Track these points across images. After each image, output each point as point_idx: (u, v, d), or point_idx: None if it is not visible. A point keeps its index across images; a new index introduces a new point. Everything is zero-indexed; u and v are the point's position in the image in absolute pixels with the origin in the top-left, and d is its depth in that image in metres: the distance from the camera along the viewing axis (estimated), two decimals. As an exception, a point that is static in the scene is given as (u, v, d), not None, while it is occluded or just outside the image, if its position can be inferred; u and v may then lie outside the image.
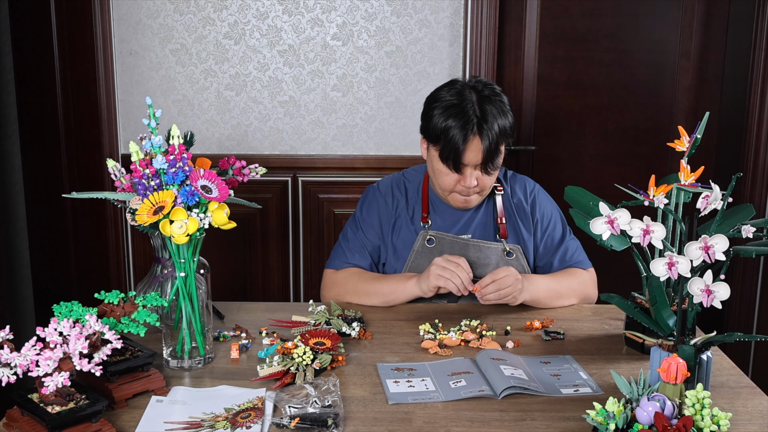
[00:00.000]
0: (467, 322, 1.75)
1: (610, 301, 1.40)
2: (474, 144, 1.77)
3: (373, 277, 1.90)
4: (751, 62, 2.69)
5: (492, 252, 1.91)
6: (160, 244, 1.61)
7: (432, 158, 1.86)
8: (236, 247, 2.77)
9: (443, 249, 1.90)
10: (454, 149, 1.78)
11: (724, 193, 1.33)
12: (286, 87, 2.68)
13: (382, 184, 2.01)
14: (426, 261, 1.89)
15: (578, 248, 1.97)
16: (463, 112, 1.78)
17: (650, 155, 2.89)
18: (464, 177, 1.82)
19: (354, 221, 2.00)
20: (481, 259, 1.90)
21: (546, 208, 1.97)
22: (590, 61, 2.80)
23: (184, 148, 1.44)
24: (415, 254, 1.91)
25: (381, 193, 1.99)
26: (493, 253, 1.91)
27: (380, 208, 1.97)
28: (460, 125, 1.77)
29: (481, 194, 1.88)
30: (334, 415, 1.29)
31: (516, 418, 1.32)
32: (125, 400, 1.37)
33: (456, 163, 1.79)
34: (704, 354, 1.35)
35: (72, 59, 2.61)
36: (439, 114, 1.81)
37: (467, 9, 2.60)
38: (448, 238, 1.91)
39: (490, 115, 1.78)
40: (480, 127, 1.77)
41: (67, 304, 1.34)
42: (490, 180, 1.85)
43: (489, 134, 1.77)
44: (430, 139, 1.85)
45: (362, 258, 1.94)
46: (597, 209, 1.34)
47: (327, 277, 1.96)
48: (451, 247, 1.90)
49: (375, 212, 1.97)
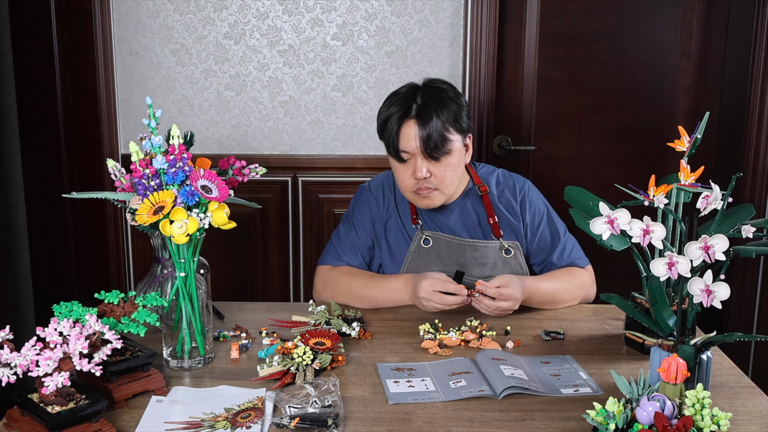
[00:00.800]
0: (468, 322, 1.75)
1: (610, 301, 1.40)
2: (410, 128, 1.77)
3: (364, 284, 1.87)
4: (751, 62, 2.69)
5: (489, 251, 1.90)
6: (160, 244, 1.61)
7: (391, 163, 1.87)
8: (236, 247, 2.77)
9: (440, 249, 1.90)
10: (390, 137, 1.80)
11: (724, 193, 1.33)
12: (286, 87, 2.68)
13: (372, 184, 2.01)
14: (422, 262, 1.89)
15: (575, 245, 1.95)
16: (403, 99, 1.81)
17: (650, 155, 2.89)
18: (414, 168, 1.79)
19: (347, 220, 1.99)
20: (478, 259, 1.89)
21: (538, 206, 1.95)
22: (590, 61, 2.80)
23: (184, 148, 1.44)
24: (412, 255, 1.91)
25: (372, 193, 1.99)
26: (491, 251, 1.90)
27: (372, 209, 1.97)
28: (397, 111, 1.79)
29: (441, 190, 1.83)
30: (334, 415, 1.29)
31: (516, 418, 1.32)
32: (125, 400, 1.37)
33: (395, 150, 1.79)
34: (704, 354, 1.35)
35: (72, 59, 2.61)
36: (382, 107, 1.86)
37: (467, 9, 2.60)
38: (444, 238, 1.90)
39: (430, 100, 1.78)
40: (418, 111, 1.77)
41: (67, 304, 1.34)
42: (445, 172, 1.80)
43: (424, 116, 1.76)
44: (380, 137, 1.86)
45: (354, 257, 1.94)
46: (597, 209, 1.34)
47: (319, 274, 1.96)
48: (447, 248, 1.89)
49: (367, 212, 1.97)
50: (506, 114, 2.83)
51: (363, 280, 1.88)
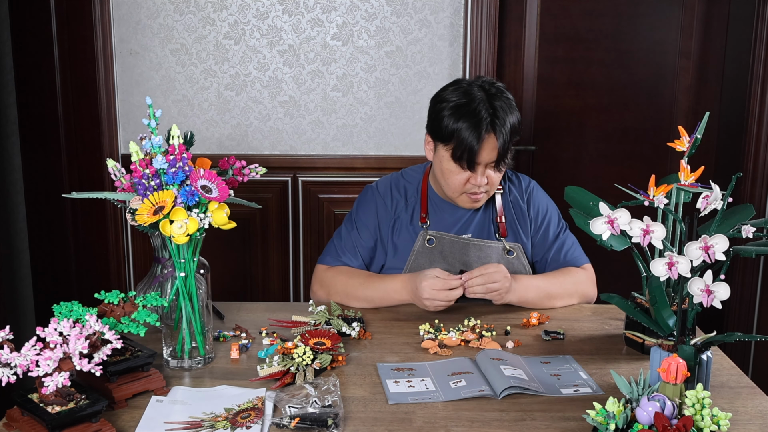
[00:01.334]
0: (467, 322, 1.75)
1: (610, 301, 1.40)
2: (489, 142, 1.77)
3: (361, 283, 1.87)
4: (751, 62, 2.69)
5: (492, 251, 1.91)
6: (160, 244, 1.61)
7: (441, 158, 1.85)
8: (236, 247, 2.77)
9: (443, 249, 1.90)
10: (469, 148, 1.77)
11: (724, 193, 1.33)
12: (286, 87, 2.68)
13: (380, 185, 2.00)
14: (426, 261, 1.89)
15: (574, 244, 1.97)
16: (476, 111, 1.77)
17: (650, 155, 2.89)
18: (476, 175, 1.81)
19: (350, 220, 1.99)
20: (481, 258, 1.90)
21: (542, 204, 1.98)
22: (590, 61, 2.80)
23: (184, 148, 1.44)
24: (416, 254, 1.91)
25: (380, 194, 1.98)
26: (494, 252, 1.91)
27: (379, 210, 1.96)
28: (473, 124, 1.76)
29: (488, 193, 1.88)
30: (334, 415, 1.29)
31: (516, 418, 1.32)
32: (125, 400, 1.37)
33: (471, 162, 1.79)
34: (704, 354, 1.35)
35: (72, 59, 2.61)
36: (449, 114, 1.79)
37: (467, 9, 2.60)
38: (448, 237, 1.91)
39: (501, 111, 1.78)
40: (494, 124, 1.77)
41: (67, 304, 1.34)
42: (499, 177, 1.85)
43: (503, 131, 1.77)
44: (440, 139, 1.83)
45: (353, 257, 1.94)
46: (597, 209, 1.34)
47: (317, 273, 1.96)
48: (451, 247, 1.90)
49: (373, 213, 1.96)
50: (506, 114, 2.83)
51: (360, 280, 1.88)
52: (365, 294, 1.85)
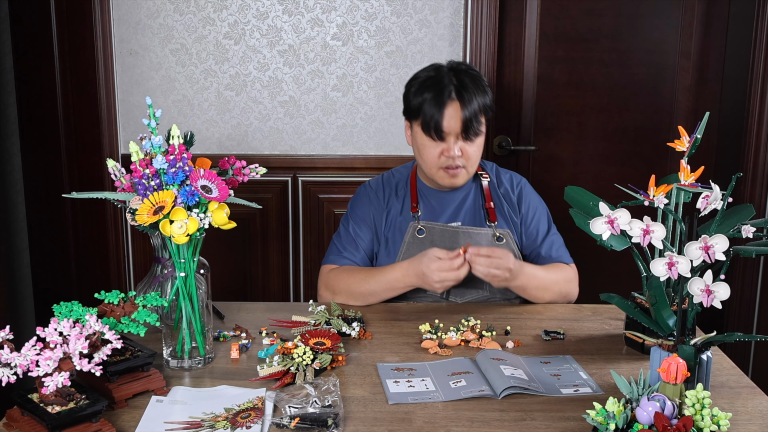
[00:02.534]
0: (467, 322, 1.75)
1: (610, 301, 1.40)
2: (453, 109, 1.84)
3: (363, 279, 1.88)
4: (751, 62, 2.69)
5: (482, 238, 1.94)
6: (160, 244, 1.61)
7: (416, 136, 1.91)
8: (236, 247, 2.77)
9: (434, 238, 1.92)
10: (433, 117, 1.84)
11: (724, 193, 1.33)
12: (286, 87, 2.68)
13: (372, 182, 2.07)
14: (417, 252, 1.91)
15: (562, 244, 2.01)
16: (440, 82, 1.87)
17: (650, 155, 2.89)
18: (448, 147, 1.86)
19: (346, 218, 2.03)
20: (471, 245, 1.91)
21: (532, 200, 2.02)
22: (590, 61, 2.80)
23: (184, 148, 1.44)
24: (407, 246, 1.93)
25: (372, 189, 2.04)
26: (483, 238, 1.94)
27: (372, 203, 2.01)
28: (437, 93, 1.85)
29: (467, 169, 1.90)
30: (334, 415, 1.29)
31: (516, 418, 1.32)
32: (125, 400, 1.37)
33: (438, 130, 1.84)
34: (704, 354, 1.35)
35: (72, 59, 2.61)
36: (416, 89, 1.89)
37: (467, 9, 2.60)
38: (437, 227, 1.93)
39: (467, 81, 1.86)
40: (458, 93, 1.84)
41: (67, 304, 1.34)
42: (473, 151, 1.88)
43: (467, 98, 1.84)
44: (411, 115, 1.92)
45: (356, 251, 1.97)
46: (597, 209, 1.34)
47: (322, 275, 1.97)
48: (441, 236, 1.92)
49: (366, 208, 2.01)
50: (506, 114, 2.83)
51: (362, 276, 1.89)
52: (369, 288, 1.86)
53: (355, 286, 1.87)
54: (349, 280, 1.89)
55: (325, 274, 1.96)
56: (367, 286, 1.87)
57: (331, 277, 1.92)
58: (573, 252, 2.02)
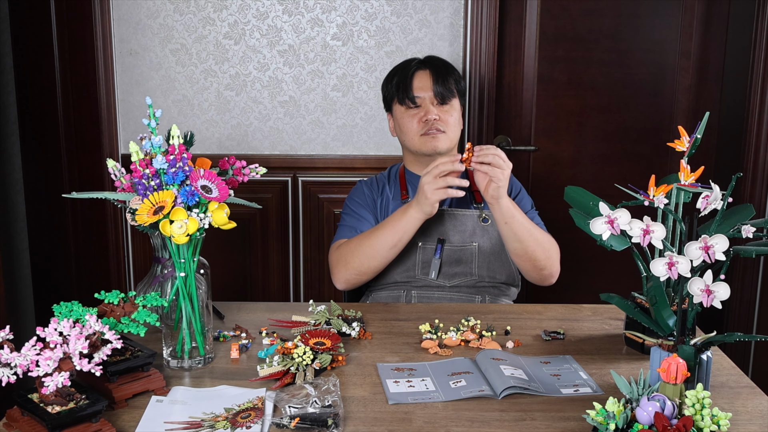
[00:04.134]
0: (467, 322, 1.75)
1: (610, 301, 1.40)
2: (422, 74, 2.02)
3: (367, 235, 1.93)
4: (751, 62, 2.69)
5: (468, 219, 2.01)
6: (160, 244, 1.61)
7: (396, 116, 2.07)
8: (236, 247, 2.77)
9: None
10: (405, 83, 2.01)
11: (724, 193, 1.33)
12: (286, 87, 2.68)
13: (365, 179, 2.19)
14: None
15: (542, 223, 2.05)
16: (407, 63, 2.09)
17: (650, 155, 2.89)
18: (425, 111, 1.99)
19: (347, 207, 2.11)
20: (457, 226, 2.00)
21: (515, 185, 2.10)
22: (590, 61, 2.80)
23: (184, 148, 1.44)
24: None
25: (367, 183, 2.15)
26: (469, 219, 2.01)
27: (365, 193, 2.11)
28: (404, 67, 2.07)
29: (447, 134, 2.00)
30: (334, 415, 1.29)
31: (516, 418, 1.32)
32: (125, 400, 1.37)
33: (410, 94, 2.00)
34: (704, 354, 1.35)
35: (72, 59, 2.61)
36: (387, 78, 2.11)
37: (467, 9, 2.60)
38: None
39: (434, 58, 2.10)
40: (424, 62, 2.06)
41: (67, 304, 1.34)
42: (451, 116, 2.01)
43: (434, 65, 2.03)
44: (388, 102, 2.10)
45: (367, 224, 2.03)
46: (597, 209, 1.34)
47: (332, 253, 2.00)
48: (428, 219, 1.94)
49: (364, 195, 2.11)
50: (506, 114, 2.83)
51: (367, 233, 1.94)
52: (379, 240, 1.89)
53: (367, 243, 1.91)
54: (359, 242, 1.93)
55: (335, 249, 2.00)
56: (377, 238, 1.90)
57: (342, 249, 1.97)
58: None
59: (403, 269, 1.99)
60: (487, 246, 1.99)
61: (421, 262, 1.99)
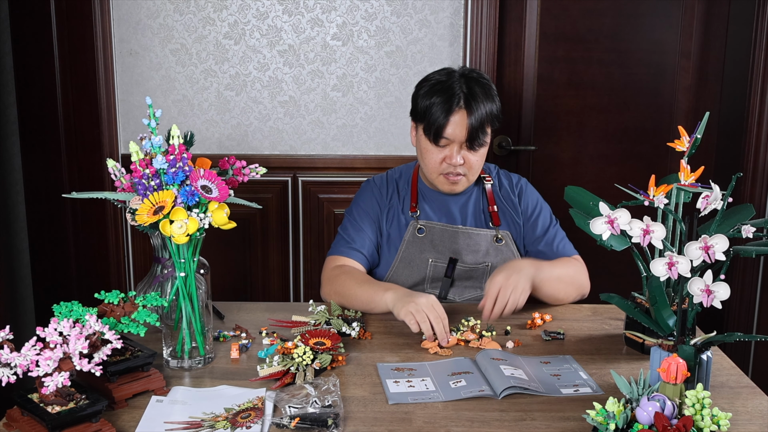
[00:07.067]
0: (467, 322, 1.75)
1: (610, 301, 1.40)
2: (459, 117, 1.81)
3: (357, 283, 1.84)
4: (751, 62, 2.69)
5: (482, 239, 1.94)
6: (160, 244, 1.61)
7: (420, 138, 1.90)
8: (236, 247, 2.77)
9: (434, 238, 1.92)
10: (439, 123, 1.82)
11: (724, 193, 1.33)
12: (286, 87, 2.68)
13: (376, 178, 2.07)
14: (416, 250, 1.91)
15: (564, 237, 1.99)
16: (449, 87, 1.84)
17: (650, 155, 2.89)
18: (450, 154, 1.84)
19: (350, 212, 2.03)
20: (471, 246, 1.93)
21: (532, 198, 2.02)
22: (590, 61, 2.80)
23: (184, 148, 1.44)
24: (406, 244, 1.93)
25: (376, 185, 2.03)
26: (483, 239, 1.94)
27: (375, 197, 2.01)
28: (445, 99, 1.82)
29: (467, 177, 1.89)
30: (334, 415, 1.29)
31: (516, 418, 1.32)
32: (125, 400, 1.37)
33: (441, 137, 1.82)
34: (704, 354, 1.35)
35: (72, 59, 2.61)
36: (425, 92, 1.87)
37: (467, 9, 2.60)
38: (438, 227, 1.94)
39: (476, 92, 1.84)
40: (466, 101, 1.82)
41: (67, 304, 1.34)
42: (476, 160, 1.87)
43: (474, 108, 1.81)
44: (417, 118, 1.90)
45: (363, 244, 1.95)
46: (597, 209, 1.34)
47: (325, 269, 1.95)
48: (441, 236, 1.92)
49: (370, 201, 2.00)
50: (506, 114, 2.83)
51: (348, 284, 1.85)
52: (354, 299, 1.81)
53: (344, 292, 1.83)
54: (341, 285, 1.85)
55: (327, 266, 1.94)
56: (352, 294, 1.82)
57: (334, 274, 1.90)
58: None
59: (412, 283, 1.94)
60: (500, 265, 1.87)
61: (430, 278, 1.94)
